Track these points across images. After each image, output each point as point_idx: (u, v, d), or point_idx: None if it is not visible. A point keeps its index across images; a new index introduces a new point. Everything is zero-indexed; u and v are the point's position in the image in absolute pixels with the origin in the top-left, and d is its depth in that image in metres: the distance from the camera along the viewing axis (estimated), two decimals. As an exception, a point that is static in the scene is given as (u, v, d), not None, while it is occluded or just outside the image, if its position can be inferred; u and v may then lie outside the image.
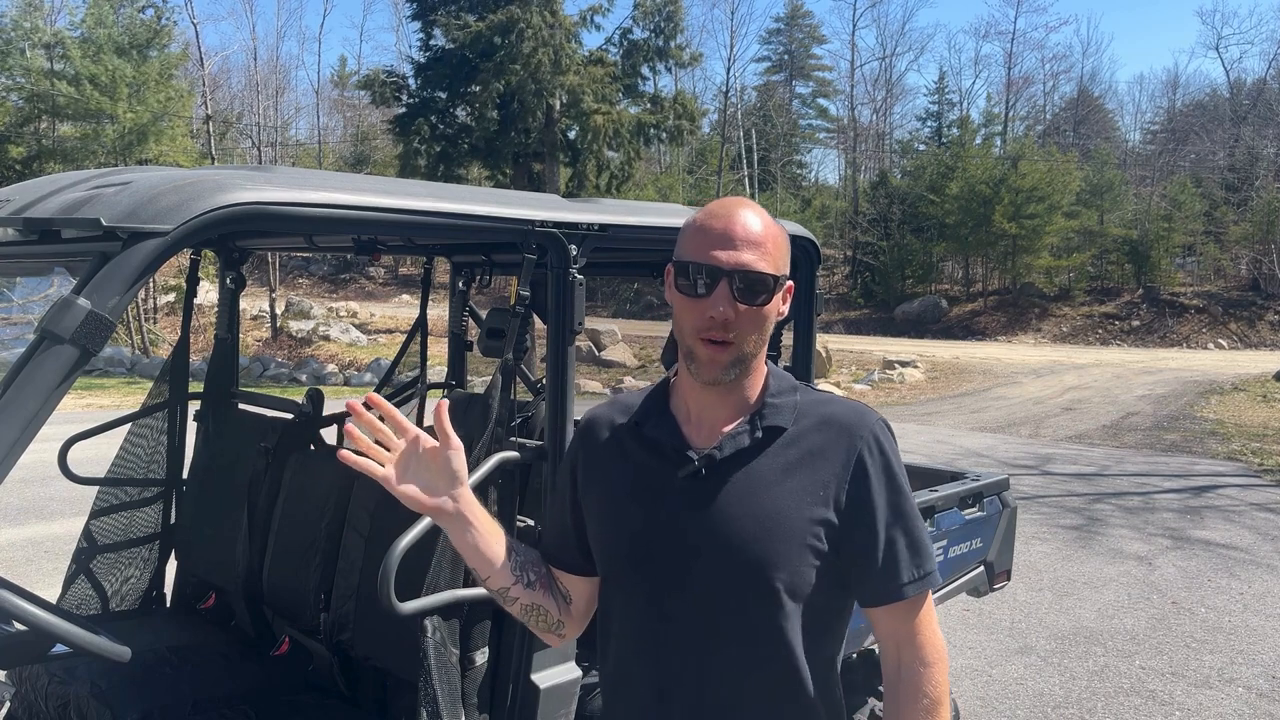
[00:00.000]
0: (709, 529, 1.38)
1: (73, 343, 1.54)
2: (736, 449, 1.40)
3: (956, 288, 41.09)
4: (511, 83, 18.20)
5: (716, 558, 1.37)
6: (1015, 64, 53.23)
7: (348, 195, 1.93)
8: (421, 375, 3.85)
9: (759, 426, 1.41)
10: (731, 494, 1.39)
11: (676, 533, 1.40)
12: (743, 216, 1.38)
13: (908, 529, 1.42)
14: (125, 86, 20.91)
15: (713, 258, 1.35)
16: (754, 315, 1.37)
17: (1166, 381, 20.37)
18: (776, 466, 1.39)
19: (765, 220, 1.40)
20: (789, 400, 1.44)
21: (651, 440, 1.45)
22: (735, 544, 1.37)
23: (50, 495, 7.91)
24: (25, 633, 1.55)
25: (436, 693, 2.11)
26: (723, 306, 1.34)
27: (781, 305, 1.43)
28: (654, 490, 1.43)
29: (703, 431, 1.44)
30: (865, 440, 1.41)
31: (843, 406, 1.46)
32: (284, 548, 2.99)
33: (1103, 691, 4.70)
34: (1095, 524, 8.15)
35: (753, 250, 1.36)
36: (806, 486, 1.38)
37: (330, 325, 26.54)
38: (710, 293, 1.35)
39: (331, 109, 54.98)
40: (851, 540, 1.39)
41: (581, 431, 1.58)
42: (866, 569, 1.40)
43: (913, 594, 1.41)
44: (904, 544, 1.41)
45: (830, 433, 1.42)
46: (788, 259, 1.43)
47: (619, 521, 1.47)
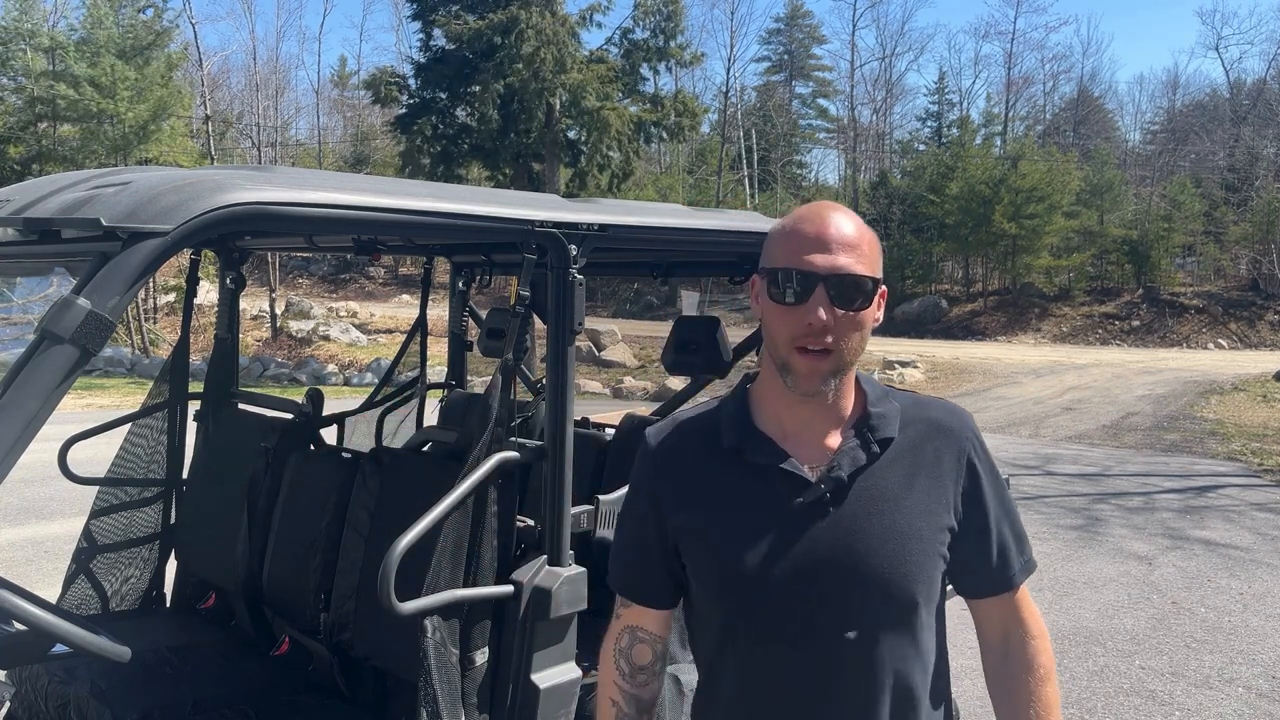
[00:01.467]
0: (845, 554, 1.33)
1: (73, 343, 1.54)
2: (855, 467, 1.36)
3: (956, 288, 41.08)
4: (512, 83, 18.20)
5: (859, 581, 1.33)
6: (1015, 64, 53.30)
7: (348, 195, 1.93)
8: (421, 375, 3.85)
9: (872, 440, 1.38)
10: (860, 514, 1.35)
11: (814, 562, 1.33)
12: (835, 219, 1.33)
13: (1013, 520, 1.46)
14: (125, 88, 20.91)
15: (807, 262, 1.30)
16: (853, 321, 1.31)
17: (1166, 381, 20.37)
18: (897, 479, 1.37)
19: (858, 222, 1.35)
20: (890, 407, 1.41)
21: (757, 466, 1.37)
22: (875, 565, 1.33)
23: (50, 495, 7.91)
24: (25, 633, 1.55)
25: (436, 693, 2.11)
26: (821, 312, 1.28)
27: (877, 311, 1.37)
28: (776, 520, 1.35)
29: (806, 449, 1.38)
30: (970, 441, 1.43)
31: (941, 409, 1.46)
32: (284, 548, 2.99)
33: (1103, 691, 4.70)
34: (1095, 524, 8.15)
35: (849, 253, 1.31)
36: (929, 495, 1.38)
37: (330, 325, 26.55)
38: (805, 299, 1.29)
39: (331, 109, 55.02)
40: (967, 539, 1.41)
41: (655, 460, 1.46)
42: (980, 565, 1.44)
43: (1021, 581, 1.46)
44: (1011, 536, 1.45)
45: (939, 438, 1.42)
46: (881, 262, 1.38)
47: (740, 558, 1.36)
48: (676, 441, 1.45)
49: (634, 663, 1.49)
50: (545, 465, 2.28)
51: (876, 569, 1.33)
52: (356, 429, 3.82)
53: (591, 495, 2.58)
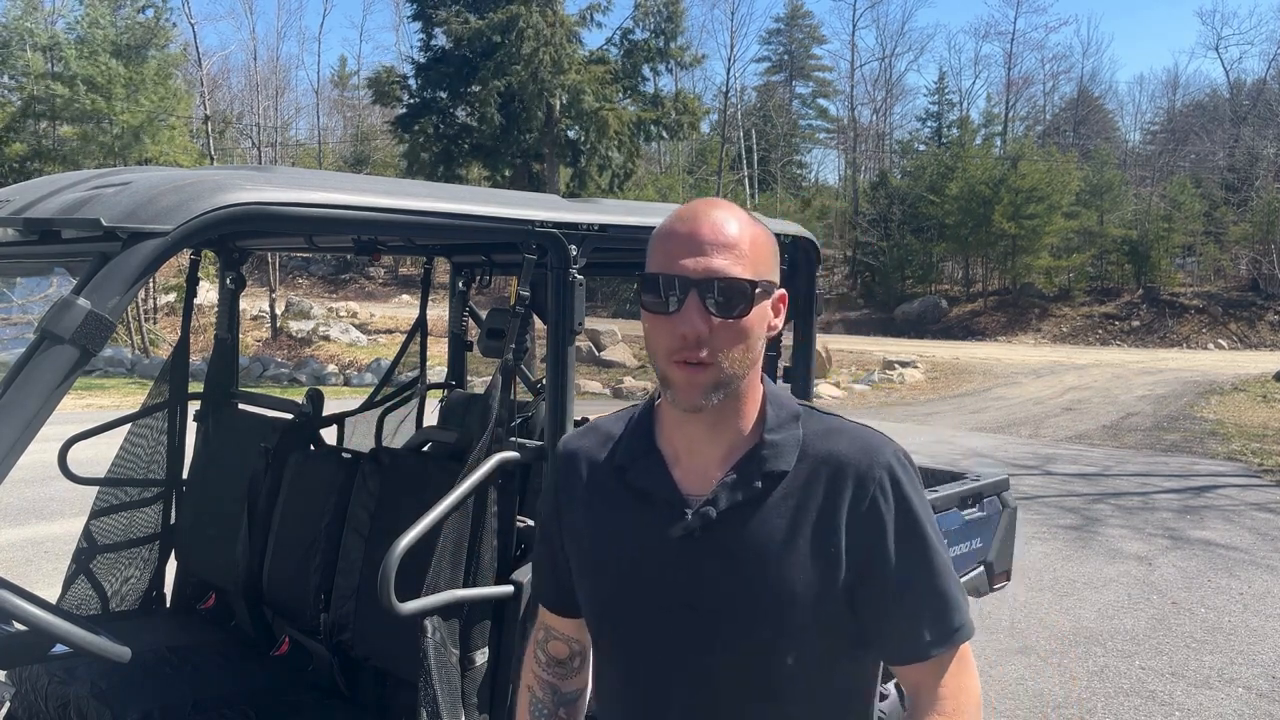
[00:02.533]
0: (708, 600, 1.21)
1: (73, 343, 1.54)
2: (732, 503, 1.21)
3: (956, 288, 41.09)
4: (513, 82, 18.21)
5: (718, 633, 1.21)
6: (1015, 64, 53.28)
7: (348, 195, 1.93)
8: (421, 375, 3.85)
9: (758, 473, 1.21)
10: (730, 556, 1.20)
11: (666, 601, 1.23)
12: (712, 217, 1.19)
13: (931, 582, 1.22)
14: (121, 87, 20.91)
15: (679, 267, 1.17)
16: (732, 329, 1.17)
17: (1166, 382, 20.37)
18: (782, 522, 1.20)
19: (741, 219, 1.21)
20: (790, 435, 1.24)
21: (638, 489, 1.27)
22: (739, 620, 1.20)
23: (50, 495, 7.90)
24: (25, 633, 1.55)
25: (436, 693, 2.11)
26: (695, 321, 1.16)
27: (774, 317, 1.24)
28: (644, 549, 1.25)
29: (695, 475, 1.25)
30: (878, 482, 1.21)
31: (851, 441, 1.24)
32: (284, 548, 2.99)
33: (1103, 692, 4.70)
34: (1095, 524, 8.15)
35: (725, 254, 1.17)
36: (816, 545, 1.19)
37: (330, 325, 26.55)
38: (679, 308, 1.16)
39: (331, 109, 55.03)
40: (868, 598, 1.21)
41: (560, 468, 1.39)
42: (885, 629, 1.23)
43: (936, 653, 1.22)
44: (927, 600, 1.22)
45: (837, 475, 1.21)
46: (774, 263, 1.23)
47: (602, 584, 1.30)
48: (583, 450, 1.37)
49: (550, 655, 1.46)
50: (545, 465, 2.28)
51: (742, 627, 1.20)
52: (356, 429, 3.82)
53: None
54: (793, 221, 3.05)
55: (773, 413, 1.26)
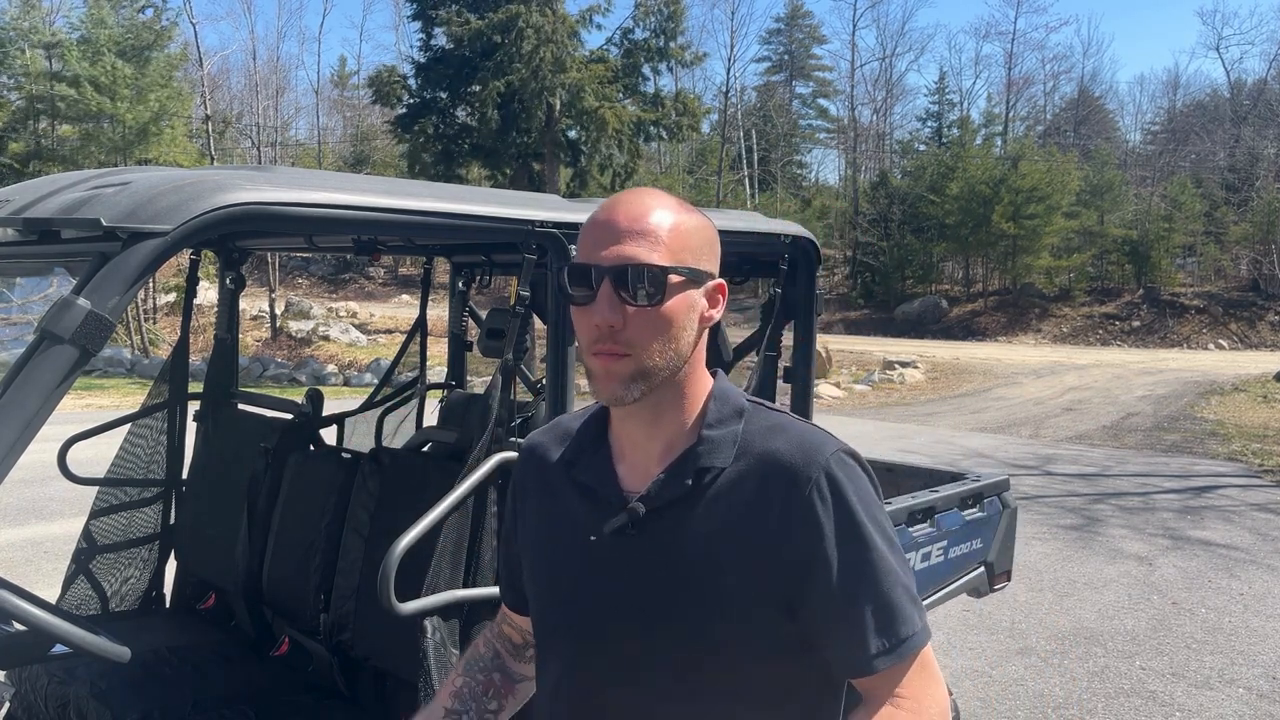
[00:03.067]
0: (633, 597, 1.18)
1: (72, 343, 1.54)
2: (665, 499, 1.17)
3: (956, 288, 41.10)
4: (513, 82, 18.22)
5: (645, 632, 1.17)
6: (1015, 64, 53.24)
7: (348, 195, 1.93)
8: (421, 375, 3.85)
9: (691, 470, 1.17)
10: (661, 555, 1.17)
11: (598, 597, 1.20)
12: (630, 204, 1.16)
13: (874, 590, 1.13)
14: (126, 88, 20.92)
15: (594, 256, 1.14)
16: (648, 318, 1.13)
17: (1167, 382, 20.37)
18: (713, 520, 1.15)
19: (664, 205, 1.16)
20: (729, 431, 1.19)
21: (581, 484, 1.25)
22: (661, 617, 1.16)
23: (50, 495, 7.90)
24: (25, 633, 1.55)
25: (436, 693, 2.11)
26: (607, 310, 1.12)
27: (708, 308, 1.19)
28: (580, 544, 1.23)
29: (636, 471, 1.22)
30: (815, 483, 1.13)
31: (790, 439, 1.17)
32: (284, 548, 2.99)
33: (1103, 692, 4.70)
34: (1096, 524, 8.15)
35: (639, 240, 1.12)
36: (746, 546, 1.14)
37: (330, 325, 26.56)
38: (593, 299, 1.13)
39: (331, 109, 55.04)
40: (805, 605, 1.14)
41: (520, 462, 1.39)
42: (827, 639, 1.15)
43: (884, 667, 1.13)
44: (870, 608, 1.13)
45: (773, 475, 1.15)
46: (705, 252, 1.18)
47: (540, 576, 1.30)
48: (541, 446, 1.36)
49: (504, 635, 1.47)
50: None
51: (666, 626, 1.16)
52: (356, 429, 3.82)
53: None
54: (793, 221, 3.05)
55: (715, 408, 1.21)
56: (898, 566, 1.16)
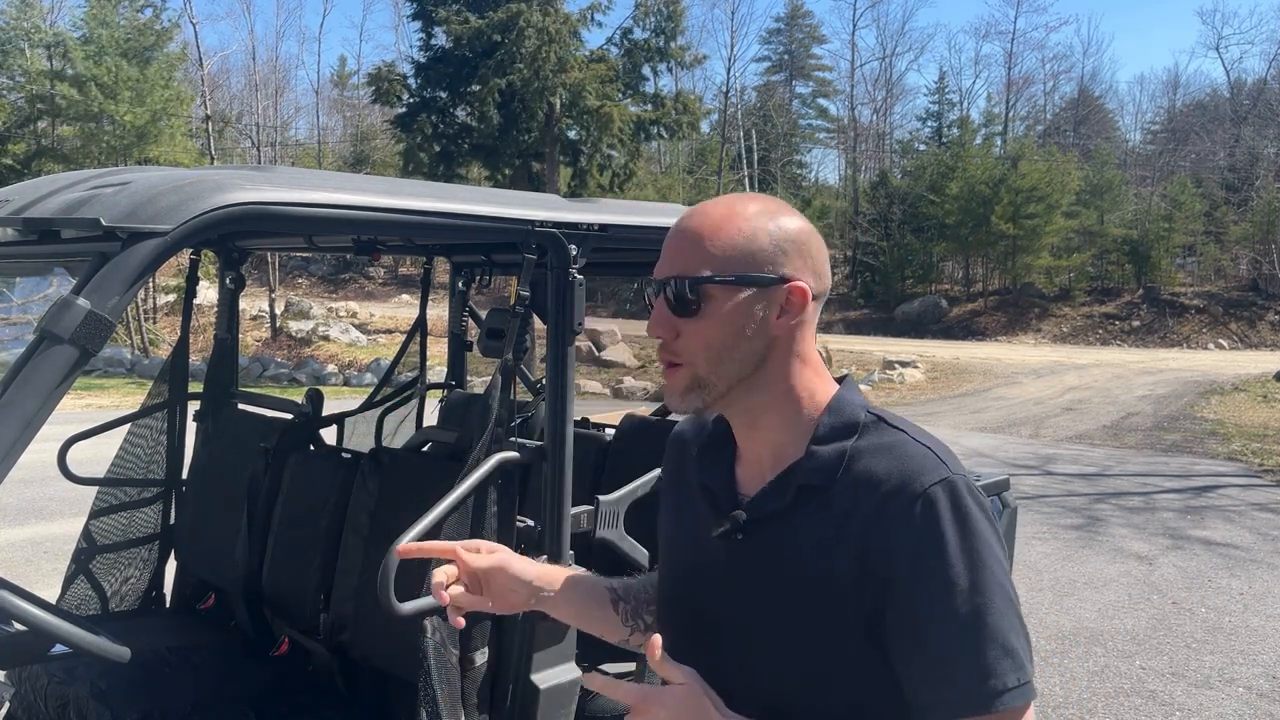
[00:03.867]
0: (734, 599, 1.19)
1: (72, 343, 1.53)
2: (765, 512, 1.16)
3: (956, 288, 41.11)
4: (514, 81, 18.22)
5: (736, 640, 1.18)
6: (1015, 64, 53.28)
7: (348, 195, 1.93)
8: (421, 375, 3.85)
9: (792, 486, 1.14)
10: (757, 566, 1.16)
11: (705, 595, 1.23)
12: (694, 211, 1.17)
13: (953, 635, 1.04)
14: (128, 89, 20.92)
15: (657, 270, 1.17)
16: (696, 329, 1.12)
17: (1167, 382, 20.37)
18: (807, 538, 1.12)
19: (720, 211, 1.15)
20: (836, 449, 1.13)
21: (702, 482, 1.26)
22: (753, 629, 1.16)
23: (50, 495, 7.90)
24: (25, 633, 1.55)
25: (436, 693, 2.11)
26: (656, 323, 1.15)
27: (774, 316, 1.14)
28: (695, 539, 1.25)
29: (752, 475, 1.22)
30: (907, 512, 1.06)
31: (894, 462, 1.10)
32: (283, 548, 2.99)
33: (1103, 692, 4.70)
34: (1096, 524, 8.15)
35: (689, 252, 1.12)
36: (833, 568, 1.10)
37: (330, 325, 26.56)
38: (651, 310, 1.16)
39: (331, 109, 55.07)
40: (888, 638, 1.08)
41: (666, 451, 1.41)
42: (909, 674, 1.08)
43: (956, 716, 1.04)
44: (946, 654, 1.04)
45: (867, 499, 1.09)
46: (765, 257, 1.13)
47: (662, 570, 1.34)
48: (686, 434, 1.37)
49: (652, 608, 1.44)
50: (545, 465, 2.28)
51: (759, 635, 1.16)
52: (356, 429, 3.82)
53: (591, 495, 2.58)
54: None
55: (827, 421, 1.16)
56: (989, 614, 1.04)
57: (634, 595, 1.42)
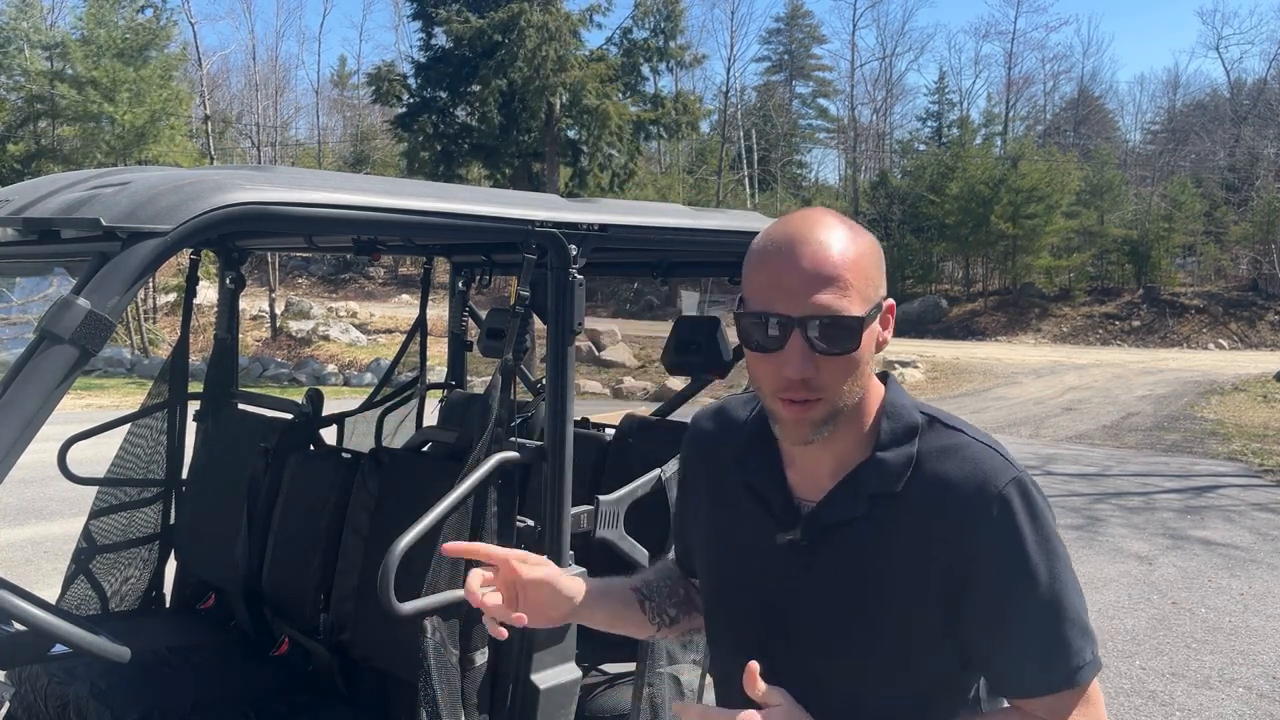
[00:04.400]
0: (808, 606, 1.20)
1: (72, 343, 1.53)
2: (837, 519, 1.18)
3: (956, 288, 41.10)
4: (514, 80, 18.22)
5: (806, 644, 1.20)
6: (1015, 64, 53.26)
7: (348, 195, 1.93)
8: (421, 375, 3.85)
9: (865, 492, 1.17)
10: (829, 572, 1.18)
11: (773, 603, 1.23)
12: (814, 242, 1.09)
13: (1040, 625, 1.13)
14: (126, 90, 20.92)
15: (779, 303, 1.09)
16: (841, 364, 1.10)
17: (1167, 382, 20.37)
18: (882, 543, 1.16)
19: (846, 238, 1.11)
20: (902, 453, 1.17)
21: (753, 488, 1.26)
22: (836, 632, 1.18)
23: (50, 495, 7.90)
24: (25, 633, 1.55)
25: (436, 693, 2.11)
26: (799, 364, 1.08)
27: (883, 331, 1.16)
28: (752, 550, 1.26)
29: (809, 479, 1.22)
30: (986, 514, 1.12)
31: (964, 464, 1.15)
32: (283, 548, 2.99)
33: (1103, 691, 4.70)
34: (1096, 524, 8.15)
35: (830, 288, 1.08)
36: (917, 569, 1.14)
37: (330, 325, 26.55)
38: (781, 347, 1.09)
39: (331, 109, 55.05)
40: (969, 633, 1.15)
41: (686, 447, 1.41)
42: (989, 668, 1.18)
43: (1042, 693, 1.14)
44: (1034, 643, 1.13)
45: (944, 502, 1.13)
46: (878, 280, 1.15)
47: (713, 572, 1.34)
48: (711, 431, 1.37)
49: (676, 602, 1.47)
50: (545, 465, 2.28)
51: (838, 637, 1.18)
52: (356, 429, 3.82)
53: (591, 495, 2.58)
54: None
55: (887, 427, 1.19)
56: (1068, 599, 1.14)
57: (656, 592, 1.45)
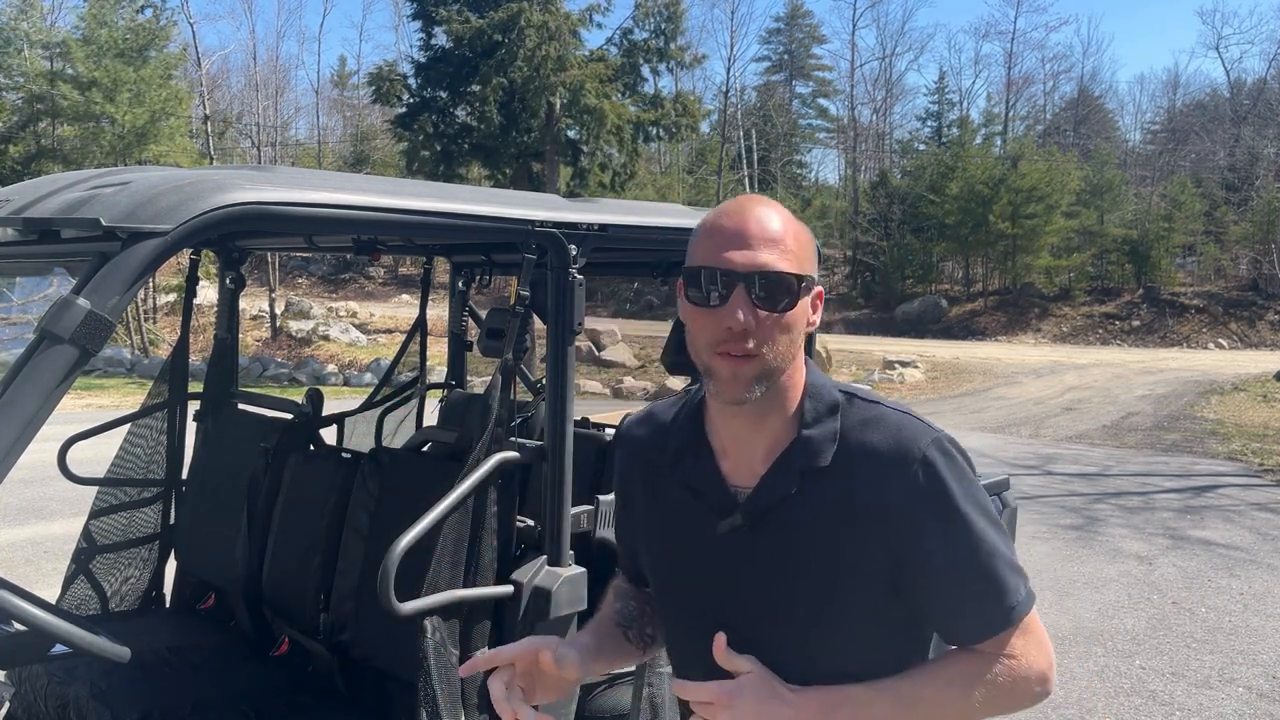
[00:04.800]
0: (752, 589, 1.27)
1: (72, 343, 1.53)
2: (772, 500, 1.25)
3: (956, 288, 41.09)
4: (515, 80, 18.22)
5: (762, 620, 1.27)
6: (1015, 64, 53.29)
7: (348, 195, 1.93)
8: (421, 375, 3.85)
9: (795, 470, 1.24)
10: (773, 550, 1.25)
11: (720, 590, 1.30)
12: (758, 213, 1.23)
13: (977, 566, 1.22)
14: (126, 90, 20.91)
15: (726, 260, 1.20)
16: (777, 323, 1.21)
17: (1167, 381, 20.37)
18: (820, 515, 1.23)
19: (785, 216, 1.25)
20: (828, 429, 1.25)
21: (689, 484, 1.33)
22: (780, 606, 1.25)
23: (50, 495, 7.90)
24: (25, 633, 1.55)
25: (436, 693, 2.11)
26: (741, 314, 1.18)
27: (812, 314, 1.27)
28: (694, 543, 1.32)
29: (742, 468, 1.29)
30: (913, 476, 1.21)
31: (886, 432, 1.24)
32: (283, 548, 2.99)
33: (1103, 692, 4.70)
34: (1096, 524, 8.15)
35: (772, 249, 1.20)
36: (854, 537, 1.22)
37: (330, 325, 26.55)
38: (725, 301, 1.19)
39: (331, 109, 55.06)
40: (911, 586, 1.24)
41: (618, 451, 1.48)
42: (933, 613, 1.27)
43: (989, 636, 1.24)
44: (974, 583, 1.22)
45: (873, 469, 1.22)
46: (813, 260, 1.27)
47: (661, 570, 1.40)
48: (642, 436, 1.44)
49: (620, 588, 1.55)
50: (545, 465, 2.28)
51: (789, 614, 1.25)
52: (356, 429, 3.82)
53: (591, 495, 2.58)
54: (793, 221, 3.05)
55: (810, 406, 1.28)
56: (997, 540, 1.24)
57: (633, 620, 1.49)
